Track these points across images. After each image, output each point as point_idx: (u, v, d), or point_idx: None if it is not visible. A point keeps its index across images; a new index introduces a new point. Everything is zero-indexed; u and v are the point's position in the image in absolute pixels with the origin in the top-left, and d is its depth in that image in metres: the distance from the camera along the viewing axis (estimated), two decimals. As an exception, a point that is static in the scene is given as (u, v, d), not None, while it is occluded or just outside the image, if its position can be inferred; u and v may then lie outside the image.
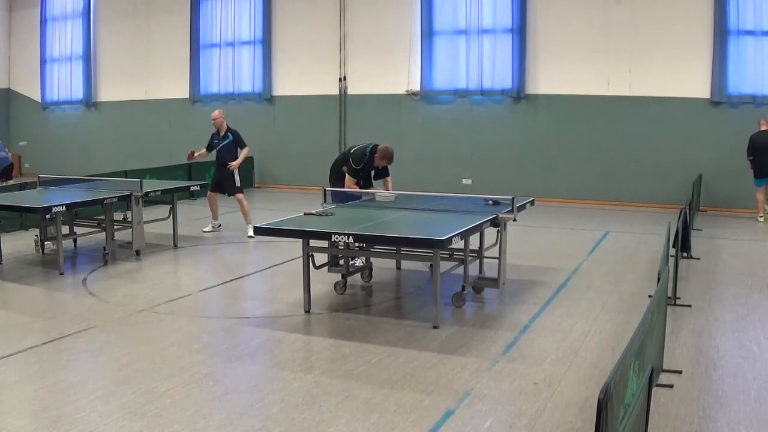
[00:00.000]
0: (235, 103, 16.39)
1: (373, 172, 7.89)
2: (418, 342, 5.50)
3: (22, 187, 10.44)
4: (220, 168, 10.19)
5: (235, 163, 10.02)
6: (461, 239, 5.93)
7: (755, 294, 6.95)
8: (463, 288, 6.47)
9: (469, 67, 13.98)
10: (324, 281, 7.11)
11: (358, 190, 7.70)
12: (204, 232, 10.14)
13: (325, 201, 7.34)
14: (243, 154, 10.13)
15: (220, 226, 10.39)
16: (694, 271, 7.80)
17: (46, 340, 5.51)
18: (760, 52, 12.07)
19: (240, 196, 10.08)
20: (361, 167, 7.68)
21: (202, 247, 9.36)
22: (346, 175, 7.68)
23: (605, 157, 13.22)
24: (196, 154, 10.34)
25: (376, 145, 7.71)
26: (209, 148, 10.27)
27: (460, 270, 6.59)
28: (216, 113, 10.28)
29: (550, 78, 13.45)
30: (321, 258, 6.62)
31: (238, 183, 10.05)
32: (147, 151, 16.56)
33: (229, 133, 10.16)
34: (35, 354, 5.23)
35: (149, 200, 9.01)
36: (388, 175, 7.96)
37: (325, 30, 15.20)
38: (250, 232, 9.58)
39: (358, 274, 7.28)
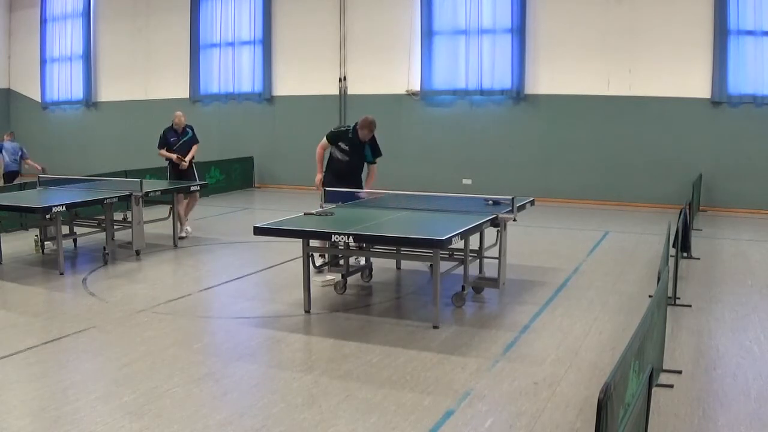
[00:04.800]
0: (235, 103, 16.40)
1: (364, 152, 7.76)
2: (418, 342, 5.50)
3: (22, 187, 10.44)
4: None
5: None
6: (461, 239, 5.93)
7: (755, 294, 6.95)
8: (463, 288, 6.47)
9: (469, 67, 13.97)
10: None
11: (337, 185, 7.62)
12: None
13: (325, 201, 7.34)
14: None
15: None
16: (694, 271, 7.80)
17: (46, 340, 5.52)
18: (760, 52, 12.07)
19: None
20: (342, 138, 7.67)
21: (202, 247, 9.36)
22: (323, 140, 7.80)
23: (605, 157, 13.22)
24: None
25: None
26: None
27: (460, 270, 6.60)
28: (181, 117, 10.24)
29: (550, 78, 13.45)
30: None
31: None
32: (147, 151, 16.54)
33: (188, 129, 10.19)
34: (35, 354, 5.23)
35: (149, 200, 9.01)
36: (374, 162, 7.90)
37: (325, 30, 15.20)
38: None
39: (358, 274, 7.28)
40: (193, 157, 10.20)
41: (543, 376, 4.76)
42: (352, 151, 7.70)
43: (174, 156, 9.97)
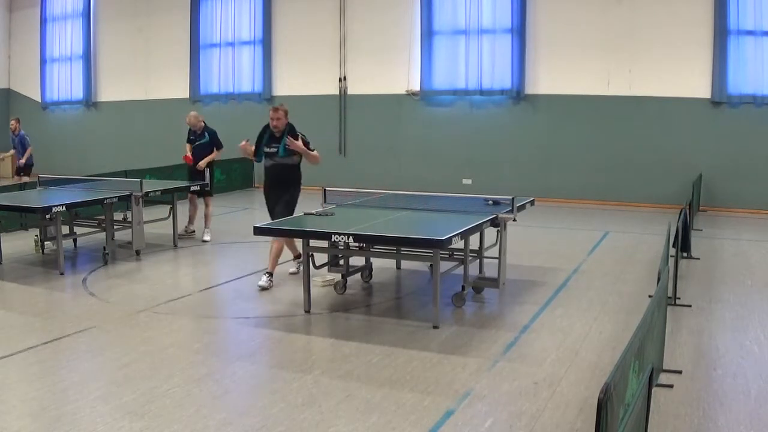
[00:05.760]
0: (235, 103, 16.39)
1: (280, 145, 7.21)
2: (418, 342, 5.50)
3: (22, 187, 10.44)
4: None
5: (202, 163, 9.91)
6: (461, 239, 5.93)
7: (755, 294, 6.96)
8: (463, 288, 6.47)
9: (469, 67, 13.97)
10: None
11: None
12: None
13: (325, 201, 7.34)
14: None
15: (193, 231, 10.08)
16: (694, 271, 7.80)
17: (46, 340, 5.51)
18: (760, 52, 12.07)
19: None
20: (262, 138, 7.32)
21: (202, 247, 9.35)
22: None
23: (605, 157, 13.22)
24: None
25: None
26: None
27: (460, 270, 6.59)
28: (191, 118, 10.05)
29: (550, 78, 13.45)
30: (321, 258, 6.62)
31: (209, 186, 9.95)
32: (147, 151, 16.56)
33: (206, 132, 10.01)
34: (35, 354, 5.23)
35: (149, 200, 9.01)
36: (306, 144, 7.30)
37: (325, 30, 15.20)
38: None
39: (358, 274, 7.28)
40: (208, 162, 9.93)
41: (543, 376, 4.76)
42: (275, 150, 7.25)
43: (188, 154, 9.95)
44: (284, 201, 7.27)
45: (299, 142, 7.18)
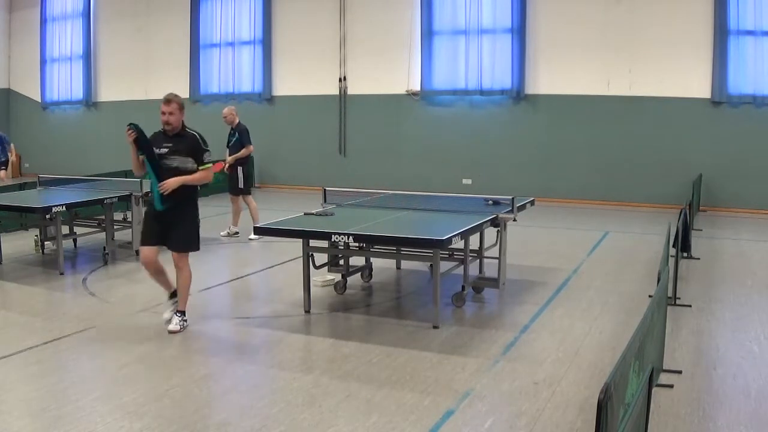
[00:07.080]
0: (235, 103, 16.35)
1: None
2: (418, 342, 5.50)
3: (22, 187, 10.44)
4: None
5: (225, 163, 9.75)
6: (461, 239, 5.93)
7: (755, 294, 6.95)
8: (463, 288, 6.47)
9: (469, 67, 13.97)
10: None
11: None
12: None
13: (325, 201, 7.34)
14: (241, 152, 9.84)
15: (236, 233, 9.96)
16: (694, 271, 7.80)
17: (46, 340, 5.51)
18: (760, 52, 12.06)
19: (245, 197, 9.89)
20: (156, 139, 5.99)
21: (202, 247, 9.30)
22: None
23: (605, 157, 13.22)
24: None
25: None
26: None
27: (460, 270, 6.59)
28: (225, 110, 10.03)
29: (550, 78, 13.45)
30: (321, 258, 6.62)
31: (241, 184, 9.92)
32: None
33: (236, 130, 9.93)
34: (35, 354, 5.23)
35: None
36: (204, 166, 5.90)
37: (325, 30, 15.20)
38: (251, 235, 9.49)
39: (358, 274, 7.28)
40: (234, 160, 9.88)
41: (543, 376, 4.76)
42: (167, 149, 5.95)
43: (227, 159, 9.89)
44: (182, 231, 5.97)
45: (174, 180, 5.79)
